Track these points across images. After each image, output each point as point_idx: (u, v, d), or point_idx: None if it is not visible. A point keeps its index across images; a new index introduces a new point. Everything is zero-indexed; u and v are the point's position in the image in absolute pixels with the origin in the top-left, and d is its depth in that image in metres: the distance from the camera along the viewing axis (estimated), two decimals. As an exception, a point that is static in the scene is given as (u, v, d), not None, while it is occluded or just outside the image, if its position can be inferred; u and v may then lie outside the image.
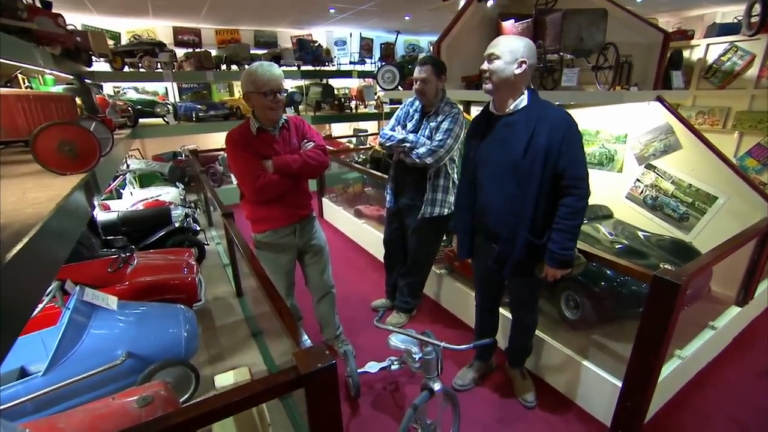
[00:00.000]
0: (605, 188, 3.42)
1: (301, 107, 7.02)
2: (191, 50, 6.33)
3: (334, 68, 7.49)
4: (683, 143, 2.94)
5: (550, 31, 2.67)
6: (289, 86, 7.73)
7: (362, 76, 7.81)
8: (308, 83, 7.60)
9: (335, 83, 7.91)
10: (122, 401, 1.37)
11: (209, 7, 5.38)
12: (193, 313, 2.25)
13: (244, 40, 7.23)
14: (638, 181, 3.26)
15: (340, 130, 8.94)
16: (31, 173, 1.50)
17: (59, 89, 3.78)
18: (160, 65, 5.72)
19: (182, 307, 2.22)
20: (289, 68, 6.68)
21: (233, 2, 5.25)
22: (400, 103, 2.71)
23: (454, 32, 3.35)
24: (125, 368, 1.76)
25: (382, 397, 2.22)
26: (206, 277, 3.49)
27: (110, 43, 5.92)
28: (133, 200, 4.19)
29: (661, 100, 2.84)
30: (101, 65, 5.55)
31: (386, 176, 2.94)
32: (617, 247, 2.63)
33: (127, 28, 6.45)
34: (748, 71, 4.08)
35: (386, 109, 7.10)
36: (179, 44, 6.77)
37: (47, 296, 1.79)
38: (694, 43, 4.48)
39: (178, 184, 5.16)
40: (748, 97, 4.13)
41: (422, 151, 2.28)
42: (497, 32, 3.41)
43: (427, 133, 2.35)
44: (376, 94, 7.63)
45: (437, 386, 1.63)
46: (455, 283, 2.88)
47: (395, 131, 2.45)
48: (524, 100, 1.63)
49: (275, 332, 2.73)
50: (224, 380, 1.77)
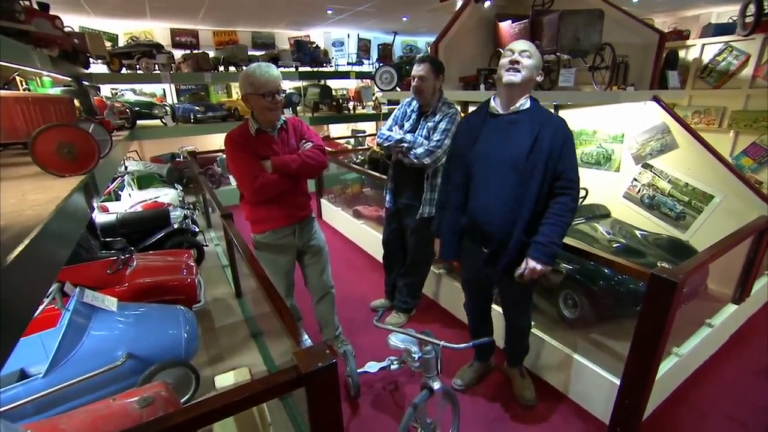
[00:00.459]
0: (603, 187, 3.44)
1: (299, 108, 7.03)
2: (189, 52, 6.33)
3: (331, 69, 7.51)
4: (679, 142, 2.96)
5: (547, 31, 2.69)
6: (287, 87, 7.74)
7: (360, 77, 7.82)
8: (306, 84, 7.61)
9: (333, 84, 7.93)
10: (123, 402, 1.38)
11: (207, 8, 5.39)
12: (192, 314, 2.25)
13: (241, 41, 7.24)
14: (635, 180, 3.29)
15: (338, 131, 8.95)
16: (30, 175, 1.50)
17: (57, 91, 3.77)
18: (157, 67, 5.73)
19: (182, 308, 2.22)
20: (286, 69, 6.69)
21: (231, 4, 5.26)
22: (397, 103, 2.71)
23: (451, 33, 3.36)
24: (125, 369, 1.76)
25: (381, 396, 2.23)
26: (205, 278, 3.49)
27: (107, 44, 5.92)
28: (131, 202, 4.19)
29: (657, 99, 2.86)
30: (99, 67, 5.56)
31: (384, 177, 2.95)
32: (615, 246, 2.65)
33: (124, 29, 6.45)
34: (743, 71, 4.11)
35: (384, 109, 7.11)
36: (177, 46, 6.77)
37: (47, 298, 1.79)
38: (689, 43, 4.52)
39: (176, 185, 5.15)
40: (743, 96, 4.16)
41: (420, 151, 2.29)
42: (495, 33, 3.43)
43: (424, 133, 2.35)
44: (374, 94, 7.65)
45: (437, 385, 1.63)
46: (454, 282, 2.89)
47: (393, 131, 2.46)
48: (527, 102, 1.70)
49: (275, 333, 2.73)
50: (225, 381, 1.78)
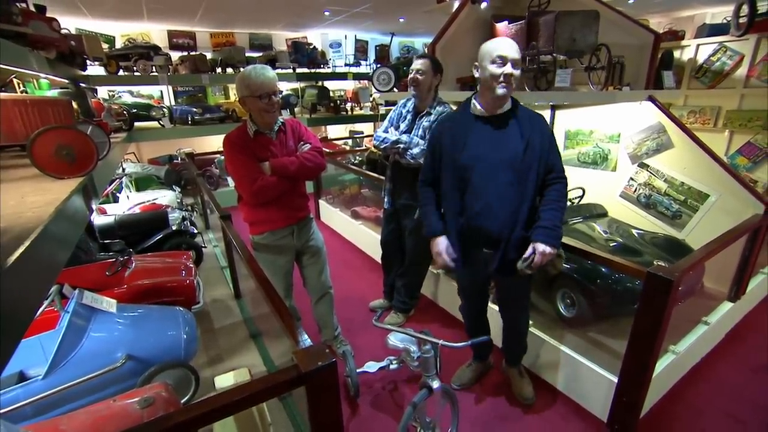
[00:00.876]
0: (599, 187, 3.46)
1: (296, 110, 7.03)
2: (186, 53, 6.32)
3: (329, 70, 7.52)
4: (675, 142, 2.98)
5: (543, 32, 2.71)
6: (284, 89, 7.74)
7: (357, 78, 7.84)
8: (304, 85, 7.61)
9: (331, 85, 7.94)
10: (123, 403, 1.38)
11: (204, 10, 5.39)
12: (192, 315, 2.25)
13: (239, 43, 7.24)
14: (632, 179, 3.31)
15: (336, 132, 8.95)
16: (28, 177, 1.51)
17: (54, 93, 3.77)
18: (154, 69, 5.72)
19: (181, 309, 2.23)
20: (284, 71, 6.70)
21: (228, 5, 5.27)
22: (395, 104, 2.73)
23: (448, 34, 3.38)
24: (125, 371, 1.76)
25: (381, 396, 2.23)
26: (204, 279, 3.49)
27: (104, 46, 5.92)
28: (129, 204, 4.19)
29: (652, 99, 2.88)
30: (96, 69, 5.55)
31: (382, 177, 2.96)
32: (612, 245, 2.66)
33: (121, 31, 6.44)
34: (737, 71, 4.14)
35: (382, 110, 7.12)
36: (174, 47, 6.77)
37: (46, 300, 1.79)
38: (684, 43, 4.55)
39: (174, 187, 5.15)
40: (737, 96, 4.19)
41: (416, 151, 2.30)
42: (491, 34, 3.45)
43: (420, 132, 2.37)
44: (371, 95, 7.67)
45: (436, 384, 1.65)
46: (452, 283, 2.90)
47: (388, 133, 2.47)
48: (509, 102, 1.69)
49: (274, 333, 2.73)
50: (224, 381, 1.78)
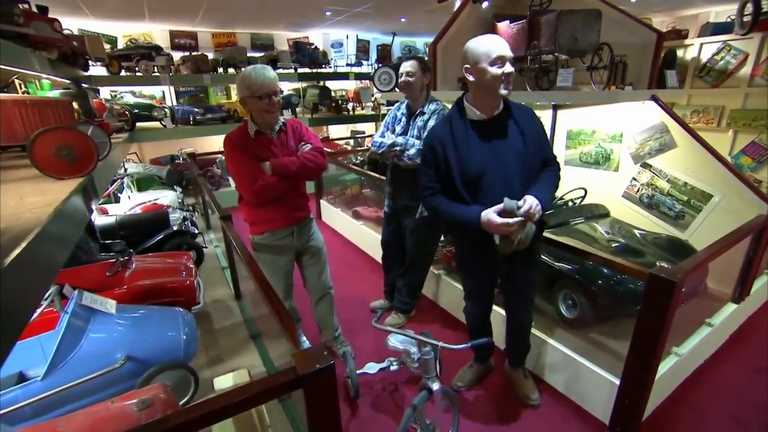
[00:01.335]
0: (602, 187, 3.44)
1: (298, 110, 7.04)
2: (188, 54, 6.33)
3: (330, 70, 7.51)
4: (678, 142, 2.96)
5: (544, 31, 2.69)
6: (286, 89, 7.74)
7: (359, 77, 7.83)
8: (305, 85, 7.61)
9: (332, 85, 7.94)
10: (121, 404, 1.37)
11: (205, 10, 5.39)
12: (191, 316, 2.25)
13: (240, 43, 7.25)
14: (634, 179, 3.28)
15: (337, 132, 8.95)
16: (28, 178, 1.51)
17: (56, 94, 3.77)
18: (156, 69, 5.73)
19: (181, 310, 2.22)
20: (285, 71, 6.69)
21: (229, 5, 5.27)
22: (396, 104, 2.73)
23: (449, 34, 3.36)
24: (124, 372, 1.76)
25: (381, 397, 2.22)
26: (205, 279, 3.49)
27: (107, 47, 5.93)
28: (130, 204, 4.19)
29: (655, 99, 2.86)
30: (98, 69, 5.56)
31: (383, 178, 2.95)
32: (614, 245, 2.64)
33: (123, 32, 6.46)
34: (741, 70, 4.11)
35: (383, 110, 7.12)
36: (176, 48, 6.77)
37: (45, 300, 1.79)
38: (687, 42, 4.52)
39: (175, 187, 5.16)
40: (741, 95, 4.16)
41: (412, 152, 2.31)
42: (493, 33, 3.43)
43: (415, 132, 2.38)
44: (373, 95, 7.66)
45: (436, 386, 1.63)
46: (453, 283, 2.89)
47: (385, 137, 2.49)
48: (501, 102, 1.68)
49: (274, 334, 2.72)
50: (223, 383, 1.78)
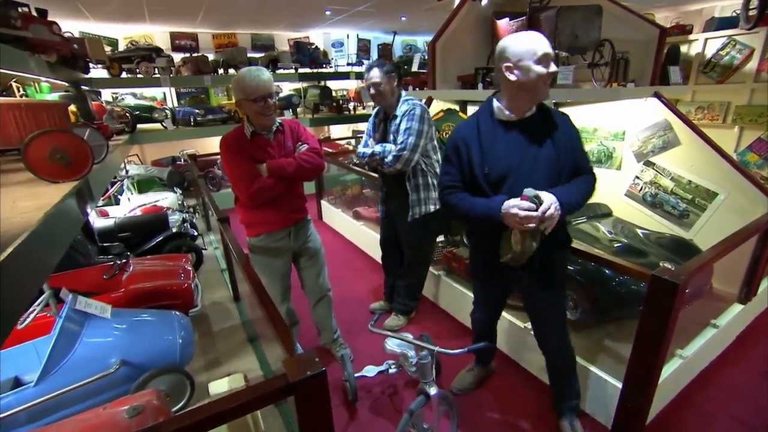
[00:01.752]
0: (604, 186, 3.38)
1: (299, 110, 7.02)
2: (188, 55, 6.33)
3: (331, 70, 7.48)
4: (682, 139, 2.90)
5: (544, 28, 2.65)
6: (286, 89, 7.73)
7: (360, 77, 7.78)
8: (306, 86, 7.60)
9: (333, 85, 7.91)
10: (112, 411, 1.36)
11: (205, 11, 5.38)
12: (188, 319, 2.23)
13: (241, 43, 7.23)
14: (637, 178, 3.23)
15: (338, 131, 8.93)
16: (23, 182, 1.49)
17: (55, 97, 3.78)
18: (157, 70, 5.74)
19: (177, 313, 2.21)
20: (286, 71, 6.68)
21: (229, 6, 5.25)
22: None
23: (448, 32, 3.33)
24: (119, 376, 1.74)
25: (380, 401, 2.20)
26: (204, 281, 3.48)
27: (107, 49, 5.94)
28: (130, 206, 4.19)
29: (658, 96, 2.81)
30: (99, 72, 5.57)
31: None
32: (617, 245, 2.60)
33: (124, 34, 6.47)
34: (747, 65, 4.04)
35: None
36: (176, 49, 6.78)
37: (39, 305, 1.78)
38: (692, 37, 4.45)
39: (176, 189, 5.16)
40: (747, 91, 4.09)
41: (389, 159, 2.29)
42: (492, 31, 3.39)
43: (391, 138, 2.36)
44: (374, 95, 7.61)
45: (433, 390, 1.61)
46: (453, 284, 2.86)
47: (368, 146, 2.47)
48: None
49: (271, 337, 2.71)
50: (219, 387, 1.76)
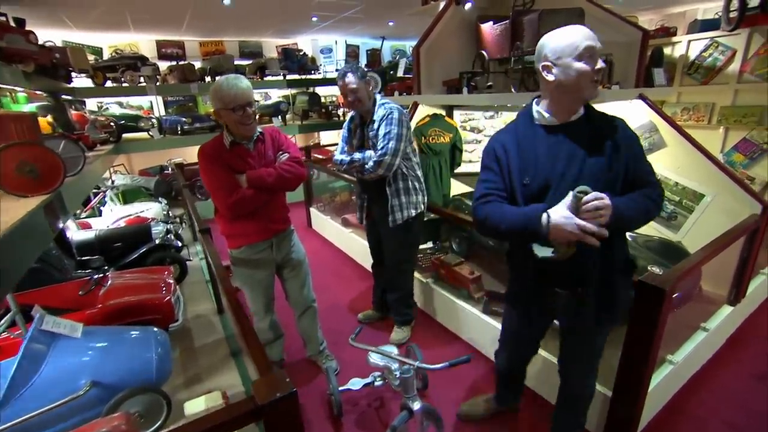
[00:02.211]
0: (592, 189, 3.38)
1: (288, 116, 6.97)
2: (175, 63, 6.27)
3: (320, 76, 7.45)
4: (667, 141, 2.90)
5: (527, 32, 2.63)
6: (275, 96, 7.68)
7: (349, 83, 7.77)
8: (295, 92, 7.55)
9: (322, 91, 7.87)
10: (77, 438, 1.28)
11: (190, 19, 5.33)
12: (166, 335, 2.14)
13: (229, 51, 7.18)
14: (625, 180, 3.22)
15: (328, 138, 8.88)
16: (-13, 197, 1.43)
17: (32, 107, 3.70)
18: (142, 79, 5.66)
19: (155, 329, 2.12)
20: (274, 78, 6.63)
21: (213, 14, 5.20)
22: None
23: (433, 36, 3.31)
24: (89, 399, 1.66)
25: (366, 414, 2.13)
26: (188, 293, 3.39)
27: (91, 58, 5.86)
28: (113, 217, 4.10)
29: (643, 98, 2.80)
30: (83, 81, 5.49)
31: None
32: (605, 249, 2.57)
33: (109, 42, 6.39)
34: (729, 66, 4.07)
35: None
36: (163, 57, 6.70)
37: (2, 325, 1.69)
38: (675, 39, 4.48)
39: (161, 199, 5.07)
40: (731, 92, 4.11)
41: (370, 165, 2.23)
42: (477, 35, 3.38)
43: (370, 143, 2.31)
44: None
45: (417, 405, 1.55)
46: (442, 291, 2.81)
47: (344, 154, 2.41)
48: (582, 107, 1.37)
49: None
50: (195, 407, 1.68)
